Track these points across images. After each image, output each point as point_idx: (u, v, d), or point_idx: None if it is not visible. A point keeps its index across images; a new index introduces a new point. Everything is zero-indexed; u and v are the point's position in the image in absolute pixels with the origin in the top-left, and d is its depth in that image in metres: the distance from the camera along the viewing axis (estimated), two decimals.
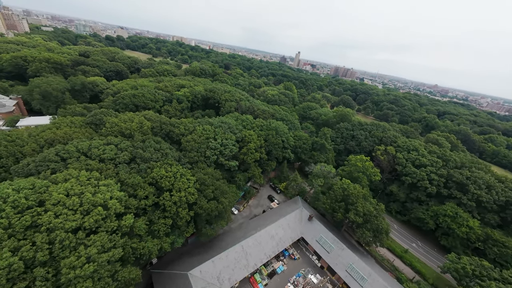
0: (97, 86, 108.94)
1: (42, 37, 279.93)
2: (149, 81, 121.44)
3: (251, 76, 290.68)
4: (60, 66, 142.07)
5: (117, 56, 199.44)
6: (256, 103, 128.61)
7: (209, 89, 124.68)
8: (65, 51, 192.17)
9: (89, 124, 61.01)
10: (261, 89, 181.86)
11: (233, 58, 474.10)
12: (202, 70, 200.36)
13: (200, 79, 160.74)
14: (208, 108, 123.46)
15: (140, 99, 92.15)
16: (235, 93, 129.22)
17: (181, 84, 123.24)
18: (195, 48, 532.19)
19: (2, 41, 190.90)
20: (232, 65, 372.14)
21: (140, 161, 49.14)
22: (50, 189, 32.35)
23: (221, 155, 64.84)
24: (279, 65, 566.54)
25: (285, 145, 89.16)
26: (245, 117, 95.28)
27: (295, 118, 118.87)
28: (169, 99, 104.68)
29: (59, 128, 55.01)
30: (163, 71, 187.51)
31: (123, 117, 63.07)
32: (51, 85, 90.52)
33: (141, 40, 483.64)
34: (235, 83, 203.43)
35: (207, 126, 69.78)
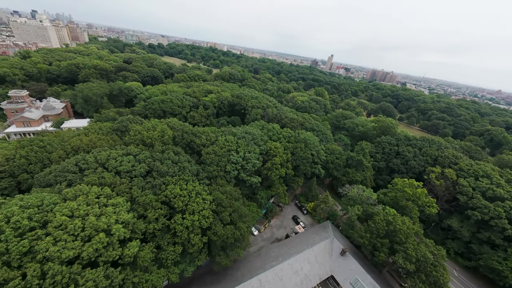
0: (132, 91, 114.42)
1: (96, 46, 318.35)
2: (178, 87, 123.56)
3: (280, 81, 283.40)
4: (105, 72, 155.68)
5: (155, 62, 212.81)
6: (284, 110, 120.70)
7: (236, 95, 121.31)
8: (112, 58, 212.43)
9: (115, 131, 61.18)
10: (290, 94, 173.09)
11: (262, 63, 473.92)
12: (231, 75, 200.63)
13: (228, 85, 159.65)
14: (234, 114, 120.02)
15: (168, 105, 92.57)
16: (262, 100, 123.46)
17: (208, 90, 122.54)
18: (227, 53, 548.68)
19: (64, 50, 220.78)
20: (261, 69, 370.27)
21: (156, 175, 45.84)
22: (56, 209, 29.96)
23: (243, 169, 58.79)
24: (309, 69, 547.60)
25: (315, 160, 79.34)
26: (271, 126, 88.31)
27: (327, 128, 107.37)
28: (195, 105, 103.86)
29: (87, 135, 55.69)
30: (194, 76, 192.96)
31: (147, 124, 61.88)
32: (92, 90, 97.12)
33: (178, 47, 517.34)
34: (263, 88, 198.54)
35: (229, 136, 64.71)
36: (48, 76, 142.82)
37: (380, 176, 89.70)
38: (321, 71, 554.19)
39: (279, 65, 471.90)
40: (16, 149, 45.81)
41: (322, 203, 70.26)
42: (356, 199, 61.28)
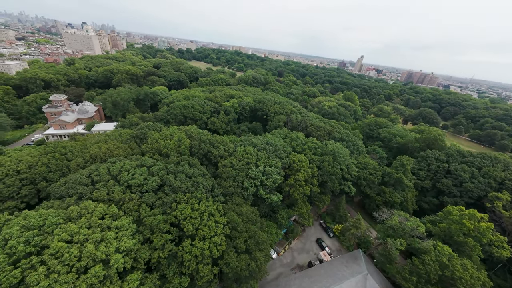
0: (157, 96, 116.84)
1: (131, 53, 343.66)
2: (201, 91, 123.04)
3: (305, 84, 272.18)
4: (136, 77, 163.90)
5: (182, 66, 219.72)
6: (310, 116, 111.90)
7: (258, 100, 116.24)
8: (144, 63, 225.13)
9: (134, 138, 60.20)
10: (316, 99, 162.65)
11: (287, 65, 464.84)
12: (255, 78, 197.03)
13: (251, 89, 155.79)
14: (256, 120, 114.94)
15: (189, 110, 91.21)
16: (285, 105, 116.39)
17: (230, 95, 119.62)
18: (251, 56, 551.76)
19: (103, 57, 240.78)
20: (285, 72, 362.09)
21: (168, 190, 42.29)
22: (56, 231, 27.41)
23: (262, 186, 52.75)
24: (337, 71, 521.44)
25: (345, 175, 69.79)
26: (295, 135, 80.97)
27: (359, 138, 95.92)
28: (216, 110, 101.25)
29: (107, 142, 55.17)
30: (218, 80, 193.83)
31: (165, 132, 59.69)
32: (120, 95, 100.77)
33: (205, 51, 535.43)
34: (287, 92, 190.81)
35: (249, 147, 59.30)
36: (87, 81, 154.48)
37: (424, 197, 75.99)
38: (349, 73, 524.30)
39: (304, 68, 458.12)
40: (40, 156, 46.27)
41: (352, 227, 60.64)
42: (397, 230, 50.75)
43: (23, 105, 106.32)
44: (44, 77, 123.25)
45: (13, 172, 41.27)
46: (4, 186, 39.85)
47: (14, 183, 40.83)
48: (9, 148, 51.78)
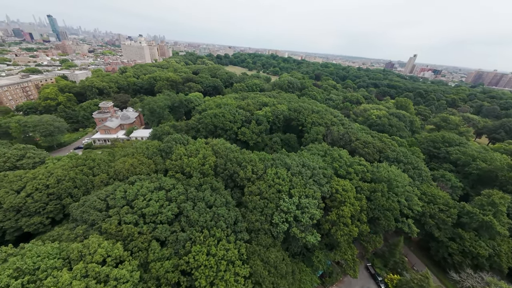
0: (191, 103, 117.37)
1: (175, 60, 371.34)
2: (234, 99, 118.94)
3: (346, 88, 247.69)
4: (175, 83, 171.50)
5: (218, 72, 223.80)
6: (354, 128, 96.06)
7: (294, 108, 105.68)
8: (184, 70, 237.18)
9: (160, 151, 57.37)
10: (360, 106, 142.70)
11: (325, 68, 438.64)
12: (290, 83, 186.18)
13: (286, 95, 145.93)
14: (290, 130, 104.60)
15: (220, 119, 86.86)
16: (325, 114, 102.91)
17: (263, 102, 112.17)
18: (287, 59, 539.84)
19: (150, 65, 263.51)
20: (323, 76, 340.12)
21: (184, 222, 36.29)
22: (47, 282, 22.95)
23: (296, 222, 42.67)
24: (383, 72, 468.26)
25: (404, 210, 54.26)
26: (337, 153, 68.09)
27: (420, 159, 76.57)
28: (248, 119, 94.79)
29: (134, 155, 53.13)
30: (252, 85, 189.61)
31: (191, 147, 55.09)
32: (157, 102, 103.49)
33: (241, 56, 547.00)
34: (326, 97, 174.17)
35: (281, 170, 49.94)
36: (134, 88, 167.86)
37: None
38: (398, 75, 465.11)
39: (344, 70, 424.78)
40: (70, 169, 46.03)
41: (417, 286, 45.20)
42: None
43: (80, 110, 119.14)
44: (98, 85, 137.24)
45: (42, 186, 41.13)
46: (32, 201, 39.65)
47: (42, 198, 40.47)
48: (54, 155, 53.99)
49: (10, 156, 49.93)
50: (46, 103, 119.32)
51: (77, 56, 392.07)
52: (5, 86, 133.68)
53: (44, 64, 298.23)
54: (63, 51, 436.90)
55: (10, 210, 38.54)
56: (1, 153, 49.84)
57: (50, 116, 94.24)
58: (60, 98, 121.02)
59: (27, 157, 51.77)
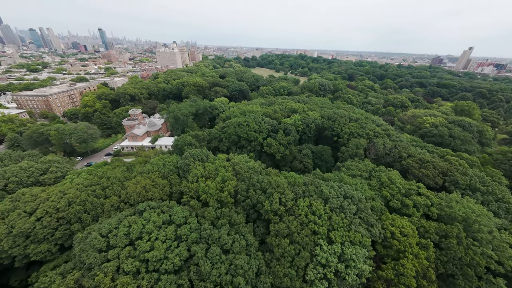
0: (216, 109, 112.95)
1: (204, 64, 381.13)
2: (259, 105, 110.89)
3: (386, 89, 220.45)
4: (202, 88, 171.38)
5: (245, 75, 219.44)
6: (404, 141, 79.30)
7: (327, 115, 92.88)
8: (211, 74, 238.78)
9: (178, 169, 51.86)
10: (408, 111, 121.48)
11: (359, 66, 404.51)
12: (322, 86, 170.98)
13: (317, 99, 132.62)
14: (323, 141, 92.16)
15: (244, 129, 79.40)
16: (365, 123, 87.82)
17: (292, 109, 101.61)
18: (317, 59, 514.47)
19: (180, 70, 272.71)
20: (357, 75, 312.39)
21: (194, 274, 28.82)
22: None
23: (338, 279, 31.95)
24: (430, 69, 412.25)
25: (491, 264, 38.92)
26: (385, 174, 54.52)
27: (503, 186, 57.53)
28: (275, 129, 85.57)
29: (148, 174, 48.52)
30: (279, 88, 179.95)
31: (209, 167, 48.29)
32: (181, 110, 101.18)
33: (268, 58, 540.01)
34: (363, 101, 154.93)
35: (317, 203, 39.52)
36: (163, 93, 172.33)
37: None
38: (450, 72, 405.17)
39: (382, 68, 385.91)
40: (82, 190, 42.99)
41: None
42: None
43: (113, 117, 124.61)
44: (130, 92, 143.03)
45: (53, 210, 38.45)
46: (41, 226, 36.93)
47: (51, 223, 37.59)
48: (73, 171, 52.32)
49: (35, 170, 49.55)
50: (85, 110, 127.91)
51: (119, 64, 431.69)
52: (55, 94, 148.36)
53: (92, 72, 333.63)
54: (108, 59, 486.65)
55: (19, 236, 36.14)
56: (27, 167, 49.76)
57: (84, 124, 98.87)
58: (97, 105, 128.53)
59: (50, 171, 51.07)
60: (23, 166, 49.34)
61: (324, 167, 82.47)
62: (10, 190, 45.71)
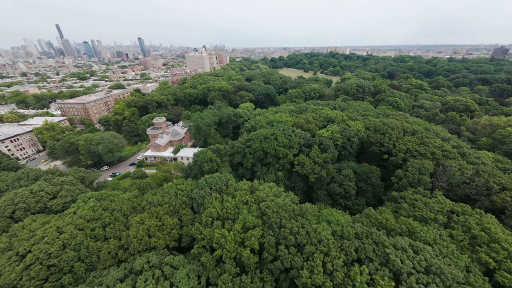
0: (240, 118, 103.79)
1: (231, 67, 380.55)
2: (289, 112, 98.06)
3: (438, 89, 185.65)
4: (227, 93, 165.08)
5: (271, 77, 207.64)
6: (488, 163, 58.40)
7: (374, 127, 75.73)
8: (237, 77, 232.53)
9: (192, 200, 42.90)
10: (481, 119, 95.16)
11: (400, 62, 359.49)
12: (360, 87, 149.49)
13: (356, 104, 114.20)
14: (366, 157, 75.42)
15: (271, 144, 67.86)
16: (427, 137, 68.39)
17: (328, 117, 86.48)
18: (350, 56, 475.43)
19: (207, 74, 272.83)
20: (399, 73, 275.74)
21: None
22: None
23: None
24: (493, 62, 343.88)
25: None
26: (475, 221, 37.47)
27: None
28: (307, 143, 72.17)
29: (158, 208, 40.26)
30: (309, 91, 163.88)
31: (228, 202, 38.05)
32: (203, 119, 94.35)
33: (296, 57, 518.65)
34: (413, 104, 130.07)
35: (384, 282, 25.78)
36: (190, 99, 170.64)
37: None
38: None
39: (429, 63, 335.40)
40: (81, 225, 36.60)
41: None
42: None
43: (140, 124, 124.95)
44: (157, 99, 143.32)
45: (44, 255, 32.57)
46: (28, 278, 31.15)
47: (40, 273, 31.70)
48: (83, 194, 47.29)
49: (44, 195, 45.73)
50: (115, 117, 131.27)
51: (153, 70, 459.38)
52: (92, 102, 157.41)
53: (129, 78, 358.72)
54: (144, 66, 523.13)
55: None
56: (38, 190, 46.30)
57: (111, 133, 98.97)
58: (126, 113, 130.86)
59: (60, 196, 46.92)
60: (34, 189, 45.82)
61: (370, 192, 66.21)
62: (17, 218, 42.07)
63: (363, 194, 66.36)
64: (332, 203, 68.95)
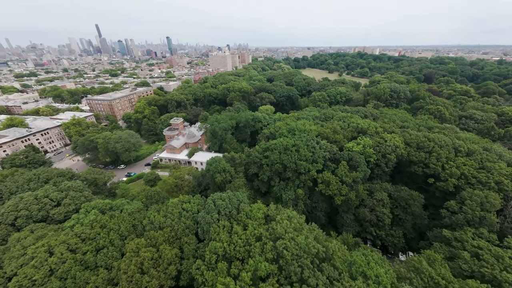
0: (259, 122, 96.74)
1: (253, 66, 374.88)
2: (312, 119, 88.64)
3: (488, 96, 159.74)
4: (247, 94, 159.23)
5: (294, 78, 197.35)
6: None
7: (416, 142, 63.68)
8: (259, 77, 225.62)
9: (198, 225, 37.17)
10: None
11: (439, 64, 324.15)
12: (394, 92, 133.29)
13: (391, 112, 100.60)
14: (404, 179, 63.59)
15: (292, 157, 59.88)
16: (488, 160, 54.87)
17: (359, 127, 75.71)
18: (379, 57, 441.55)
19: (228, 74, 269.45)
20: (438, 76, 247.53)
21: None
22: None
23: None
24: None
25: None
26: None
27: None
28: (334, 157, 62.84)
29: (159, 232, 35.20)
30: (335, 94, 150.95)
31: (236, 237, 31.60)
32: (220, 123, 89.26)
33: (321, 57, 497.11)
34: (459, 114, 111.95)
35: None
36: (209, 98, 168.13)
37: None
38: None
39: (474, 66, 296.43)
40: (73, 248, 32.68)
41: None
42: None
43: (158, 123, 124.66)
44: (177, 98, 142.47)
45: (27, 282, 28.78)
46: None
47: None
48: (86, 204, 44.13)
49: (48, 202, 43.45)
50: (135, 115, 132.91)
51: (178, 68, 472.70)
52: (117, 99, 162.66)
53: (155, 76, 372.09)
54: (170, 64, 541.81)
55: None
56: (43, 196, 44.30)
57: (128, 133, 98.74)
58: (146, 111, 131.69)
59: (63, 204, 44.37)
60: (39, 195, 43.80)
61: (409, 223, 55.02)
62: (18, 225, 40.01)
63: (400, 224, 55.40)
64: (360, 230, 58.99)
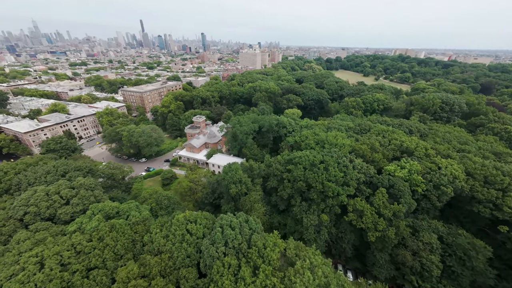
0: (283, 128, 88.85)
1: (282, 65, 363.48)
2: (345, 130, 77.67)
3: None
4: (273, 95, 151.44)
5: (325, 80, 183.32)
6: None
7: (483, 174, 50.09)
8: (287, 78, 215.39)
9: (200, 255, 31.63)
10: None
11: (501, 73, 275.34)
12: (446, 104, 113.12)
13: (443, 129, 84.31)
14: (460, 217, 50.60)
15: (319, 175, 51.32)
16: None
17: (403, 147, 63.21)
18: (425, 61, 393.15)
19: (256, 72, 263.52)
20: (499, 87, 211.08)
21: None
22: None
23: None
24: None
25: None
26: None
27: None
28: (371, 181, 52.49)
29: (156, 256, 30.58)
30: (372, 101, 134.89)
31: (243, 285, 24.80)
32: (242, 126, 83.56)
33: (356, 59, 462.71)
34: None
35: None
36: (235, 97, 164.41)
37: None
38: None
39: None
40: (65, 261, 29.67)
41: None
42: None
43: (182, 119, 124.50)
44: (202, 95, 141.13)
45: None
46: None
47: None
48: (94, 205, 42.16)
49: (57, 199, 42.32)
50: (162, 110, 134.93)
51: (208, 64, 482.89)
52: (148, 92, 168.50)
53: (186, 70, 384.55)
54: (201, 60, 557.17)
55: None
56: (54, 192, 43.47)
57: (152, 127, 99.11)
58: (172, 106, 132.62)
59: (71, 203, 42.86)
60: (51, 190, 42.95)
61: (466, 279, 42.62)
62: (26, 222, 39.14)
63: (453, 278, 43.49)
64: (397, 275, 48.32)
